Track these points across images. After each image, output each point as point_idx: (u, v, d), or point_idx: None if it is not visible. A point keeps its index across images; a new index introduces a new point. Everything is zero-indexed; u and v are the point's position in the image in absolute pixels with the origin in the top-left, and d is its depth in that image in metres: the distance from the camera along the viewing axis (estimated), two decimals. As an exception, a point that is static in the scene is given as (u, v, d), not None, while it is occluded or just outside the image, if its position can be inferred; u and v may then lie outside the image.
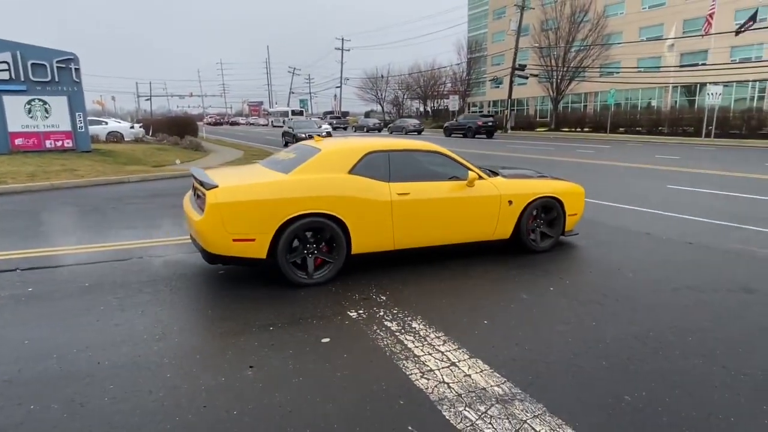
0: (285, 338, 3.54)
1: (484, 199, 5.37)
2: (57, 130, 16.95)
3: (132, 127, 28.10)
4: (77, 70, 17.07)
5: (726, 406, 2.72)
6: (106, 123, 27.14)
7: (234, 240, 4.33)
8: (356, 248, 4.80)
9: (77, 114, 17.20)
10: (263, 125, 71.71)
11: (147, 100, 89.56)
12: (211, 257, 4.53)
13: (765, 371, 3.09)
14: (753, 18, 31.09)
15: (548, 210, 5.84)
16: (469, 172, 5.28)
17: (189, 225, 4.94)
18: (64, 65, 16.73)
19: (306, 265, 4.63)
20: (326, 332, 3.63)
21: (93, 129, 22.73)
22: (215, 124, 77.81)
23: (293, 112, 65.52)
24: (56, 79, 16.60)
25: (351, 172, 4.84)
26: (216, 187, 4.35)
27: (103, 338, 3.52)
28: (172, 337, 3.54)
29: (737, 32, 30.82)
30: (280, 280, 4.77)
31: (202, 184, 4.48)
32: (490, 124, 35.23)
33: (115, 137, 25.26)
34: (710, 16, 32.81)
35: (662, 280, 4.81)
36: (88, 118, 22.29)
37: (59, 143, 17.03)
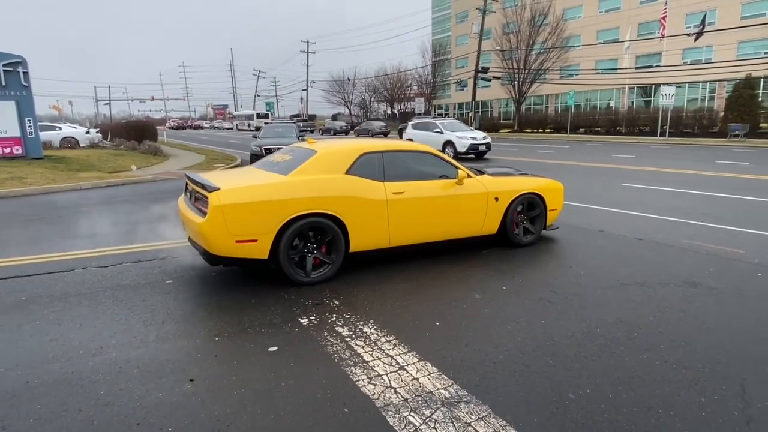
0: (231, 348, 3.43)
1: (473, 196, 5.60)
2: (5, 136, 16.16)
3: (88, 132, 27.14)
4: (26, 73, 16.32)
5: (666, 400, 2.76)
6: (60, 128, 26.06)
7: (237, 241, 4.39)
8: (354, 246, 4.91)
9: (26, 119, 16.43)
10: (228, 129, 70.46)
11: (106, 104, 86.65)
12: (213, 259, 4.55)
13: (704, 364, 3.16)
14: (703, 22, 32.49)
15: (531, 206, 6.14)
16: (459, 170, 5.52)
17: (188, 227, 4.93)
18: (11, 69, 15.96)
19: (304, 265, 4.71)
20: (274, 340, 3.53)
21: (46, 135, 21.82)
22: (178, 128, 75.91)
23: (258, 116, 64.41)
24: (3, 83, 15.83)
25: (348, 172, 4.96)
26: (218, 189, 4.39)
27: (35, 355, 3.33)
28: (110, 352, 3.37)
29: (696, 37, 32.05)
30: (231, 287, 4.64)
31: (203, 186, 4.49)
32: None
33: (69, 143, 24.32)
34: (663, 18, 34.07)
35: (612, 276, 4.91)
36: (42, 123, 21.44)
37: (8, 150, 16.24)
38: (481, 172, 6.08)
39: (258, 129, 23.04)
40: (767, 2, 35.00)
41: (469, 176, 5.63)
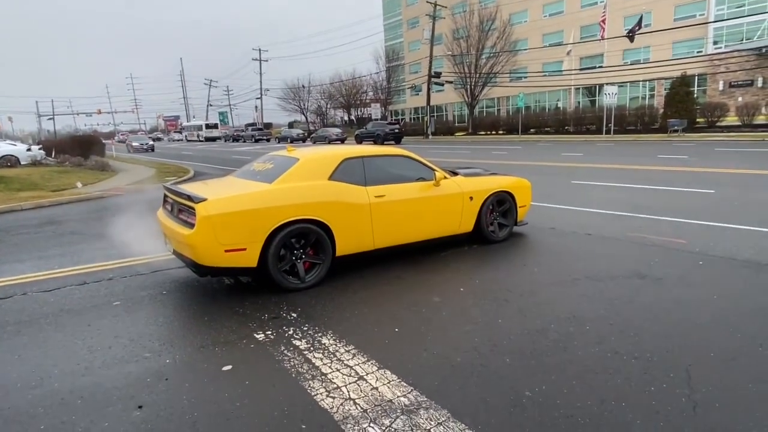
0: (182, 370, 3.29)
1: (450, 197, 5.82)
2: (-67, 157, 15.11)
3: (29, 149, 25.66)
4: (-46, 89, 15.34)
5: (618, 391, 2.84)
6: (-3, 146, 24.63)
7: (226, 251, 4.40)
8: (340, 250, 5.00)
9: (-43, 138, 15.42)
10: (178, 140, 68.73)
11: (49, 119, 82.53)
12: (202, 270, 4.55)
13: (652, 353, 3.28)
14: (639, 23, 34.22)
15: (502, 203, 6.40)
16: (435, 172, 5.77)
17: (172, 240, 4.88)
18: (-63, 85, 14.97)
19: (296, 271, 4.76)
20: (229, 359, 3.42)
21: (-20, 154, 20.56)
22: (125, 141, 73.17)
23: (207, 126, 64.11)
24: (-72, 101, 14.82)
25: (331, 178, 5.06)
26: (205, 200, 4.39)
27: (-33, 392, 3.09)
28: (51, 382, 3.17)
29: (629, 37, 33.69)
30: (184, 306, 4.49)
31: (189, 198, 4.48)
32: (396, 130, 37.84)
33: (9, 161, 22.95)
34: (603, 21, 35.63)
35: (564, 272, 5.04)
36: (-25, 141, 20.16)
37: (-64, 172, 15.18)
38: (455, 173, 6.28)
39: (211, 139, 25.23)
40: (698, 4, 37.26)
41: (445, 177, 5.82)
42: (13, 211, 11.26)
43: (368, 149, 5.74)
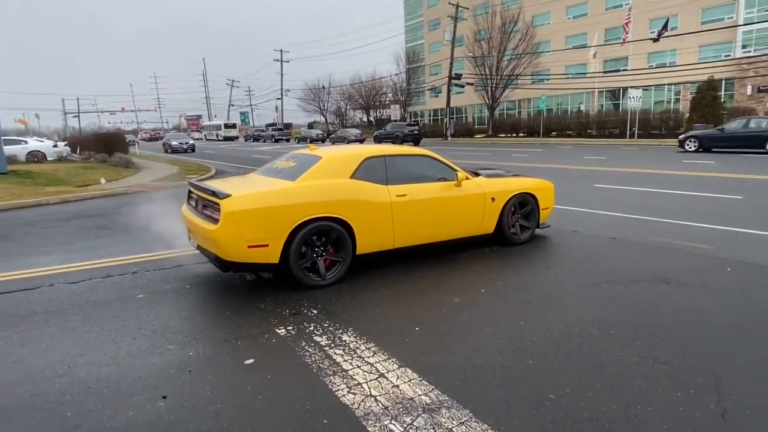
0: (205, 363, 3.33)
1: (471, 197, 5.78)
2: (-34, 151, 15.60)
3: (56, 146, 26.36)
4: (-13, 86, 15.80)
5: (644, 396, 2.78)
6: (26, 142, 25.29)
7: (249, 246, 4.44)
8: (360, 249, 5.00)
9: (-11, 133, 15.89)
10: (197, 140, 69.92)
11: (75, 116, 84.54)
12: (225, 265, 4.60)
13: (680, 358, 3.21)
14: (665, 26, 33.57)
15: (524, 204, 6.33)
16: (457, 173, 5.72)
17: (196, 235, 4.96)
18: (-29, 81, 15.43)
19: (317, 268, 4.79)
20: (251, 353, 3.45)
21: (10, 149, 21.14)
22: (151, 139, 74.50)
23: (226, 126, 65.89)
24: (-37, 97, 15.28)
25: (353, 176, 5.06)
26: (230, 196, 4.43)
27: (-3, 378, 3.17)
28: (78, 371, 3.23)
29: (655, 39, 33.07)
30: (206, 300, 4.54)
31: (214, 194, 4.54)
32: (415, 132, 37.86)
33: (36, 157, 23.59)
34: (626, 24, 35.09)
35: (587, 275, 4.96)
36: (5, 137, 20.75)
37: (-31, 166, 15.67)
38: (477, 174, 6.23)
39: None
40: (725, 8, 36.39)
41: (467, 178, 5.80)
42: (40, 205, 11.56)
43: (390, 148, 5.75)
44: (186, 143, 36.94)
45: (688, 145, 21.33)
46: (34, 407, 2.82)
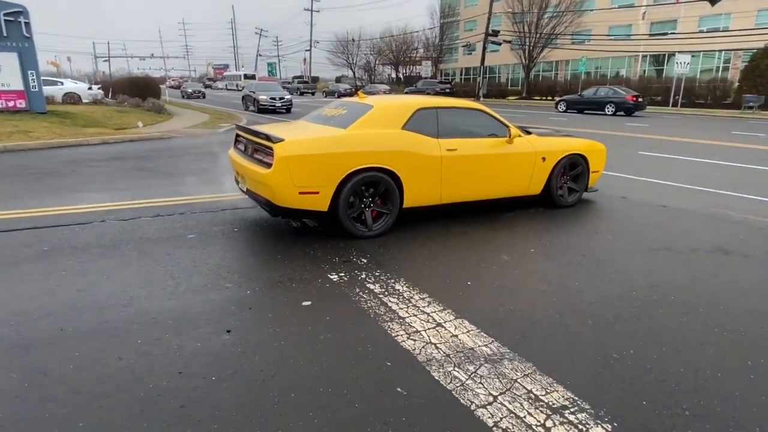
0: (264, 302, 3.38)
1: (522, 155, 5.61)
2: (8, 89, 15.78)
3: (90, 89, 26.59)
4: (27, 24, 15.80)
5: (711, 362, 2.72)
6: (62, 83, 25.56)
7: (300, 192, 4.43)
8: (408, 202, 4.94)
9: (29, 72, 16.01)
10: (220, 89, 69.99)
11: (105, 61, 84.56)
12: (276, 209, 4.61)
13: (746, 328, 3.12)
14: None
15: (575, 166, 6.14)
16: (510, 129, 5.51)
17: (247, 179, 4.88)
18: (12, 18, 15.44)
19: (364, 219, 4.77)
20: (307, 295, 3.48)
21: (48, 90, 21.31)
22: (178, 87, 74.83)
23: (246, 76, 66.35)
24: (4, 34, 15.33)
25: (404, 127, 4.95)
26: (283, 140, 4.38)
27: (65, 304, 3.28)
28: (141, 302, 3.32)
29: (713, 2, 31.00)
30: (254, 243, 4.59)
31: (267, 138, 4.48)
32: (447, 90, 37.97)
33: (72, 98, 23.85)
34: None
35: (640, 241, 4.83)
36: (44, 78, 20.96)
37: (11, 104, 15.91)
38: (528, 132, 6.03)
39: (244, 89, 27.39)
40: (791, -31, 33.70)
41: (519, 135, 5.63)
42: (81, 145, 11.77)
43: (442, 100, 5.58)
44: (198, 91, 32.16)
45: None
46: (104, 332, 2.91)
